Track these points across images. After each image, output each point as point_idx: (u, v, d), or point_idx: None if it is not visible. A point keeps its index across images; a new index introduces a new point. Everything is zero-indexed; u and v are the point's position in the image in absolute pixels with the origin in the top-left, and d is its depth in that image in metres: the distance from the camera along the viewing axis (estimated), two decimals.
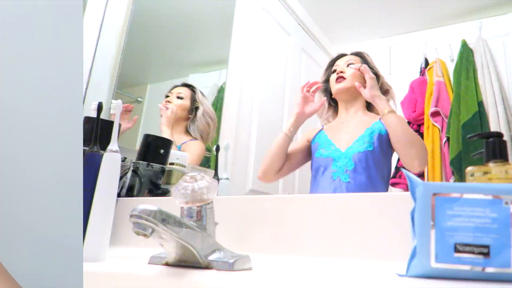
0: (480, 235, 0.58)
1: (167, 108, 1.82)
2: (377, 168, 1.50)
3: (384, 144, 1.52)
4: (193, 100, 1.89)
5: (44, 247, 1.07)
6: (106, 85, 1.62)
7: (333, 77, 1.68)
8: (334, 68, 1.71)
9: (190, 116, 1.88)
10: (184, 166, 1.49)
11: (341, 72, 1.65)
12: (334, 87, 1.66)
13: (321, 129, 1.70)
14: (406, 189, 0.69)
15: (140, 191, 1.34)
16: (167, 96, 1.89)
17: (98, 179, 0.94)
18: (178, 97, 1.87)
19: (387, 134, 1.52)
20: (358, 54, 1.74)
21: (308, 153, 1.70)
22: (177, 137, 1.81)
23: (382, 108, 1.50)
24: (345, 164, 1.49)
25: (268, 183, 1.72)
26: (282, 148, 1.65)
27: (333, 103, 1.78)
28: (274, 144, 1.67)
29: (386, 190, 1.58)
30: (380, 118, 1.55)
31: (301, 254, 0.94)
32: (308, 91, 1.66)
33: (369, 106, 1.70)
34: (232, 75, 2.03)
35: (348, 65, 1.66)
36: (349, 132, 1.59)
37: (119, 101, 1.07)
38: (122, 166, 1.14)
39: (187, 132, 1.88)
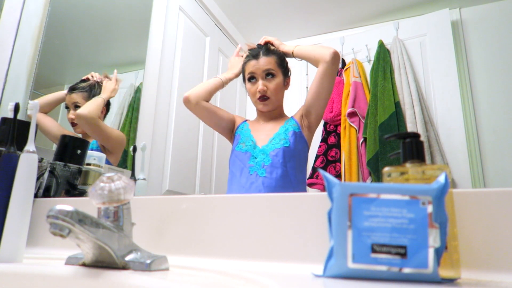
0: (397, 236, 0.59)
1: (73, 125, 1.73)
2: (293, 164, 1.58)
3: (298, 141, 1.62)
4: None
5: None
6: (23, 86, 1.59)
7: (253, 89, 1.69)
8: (251, 72, 1.70)
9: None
10: (101, 167, 1.49)
11: (263, 90, 1.65)
12: (258, 105, 1.70)
13: (245, 121, 1.78)
14: (323, 190, 0.69)
15: (57, 192, 1.33)
16: (67, 107, 1.75)
17: (15, 179, 0.94)
18: (76, 107, 1.73)
19: (300, 132, 1.64)
20: (271, 53, 1.72)
21: (226, 126, 1.79)
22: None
23: (289, 50, 1.74)
24: (263, 160, 1.58)
25: (189, 109, 1.76)
26: (213, 86, 1.77)
27: None
28: (207, 81, 1.79)
29: (303, 186, 1.64)
30: (292, 116, 1.70)
31: (218, 256, 0.95)
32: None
33: (283, 110, 1.79)
34: (149, 76, 2.03)
35: (266, 75, 1.67)
36: (267, 131, 1.68)
37: (36, 101, 1.07)
38: (39, 167, 1.14)
39: None
